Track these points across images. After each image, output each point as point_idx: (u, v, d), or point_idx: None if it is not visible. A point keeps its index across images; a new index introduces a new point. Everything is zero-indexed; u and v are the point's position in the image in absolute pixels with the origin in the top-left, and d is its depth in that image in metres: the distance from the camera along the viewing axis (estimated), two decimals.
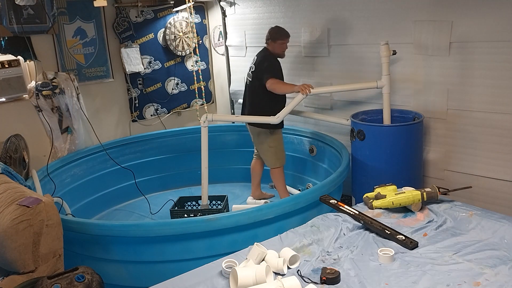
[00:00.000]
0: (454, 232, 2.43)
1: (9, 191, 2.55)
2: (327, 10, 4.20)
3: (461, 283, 1.96)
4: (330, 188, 3.21)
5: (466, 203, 2.70)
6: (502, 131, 3.30)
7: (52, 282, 2.10)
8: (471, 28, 3.30)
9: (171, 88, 5.16)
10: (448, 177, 3.65)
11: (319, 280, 2.03)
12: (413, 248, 2.28)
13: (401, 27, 3.70)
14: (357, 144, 3.64)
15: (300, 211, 2.99)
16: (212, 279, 2.07)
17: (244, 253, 2.30)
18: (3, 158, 3.36)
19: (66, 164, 4.04)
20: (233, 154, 4.86)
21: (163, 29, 4.97)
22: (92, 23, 4.45)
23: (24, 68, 4.05)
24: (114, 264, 2.87)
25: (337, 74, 4.26)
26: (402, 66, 3.77)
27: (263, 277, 1.97)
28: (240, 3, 4.96)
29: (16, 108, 4.03)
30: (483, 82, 3.33)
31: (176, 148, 4.83)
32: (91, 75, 4.52)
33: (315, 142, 4.35)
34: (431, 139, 3.72)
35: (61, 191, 3.79)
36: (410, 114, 3.73)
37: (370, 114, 3.88)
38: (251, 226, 2.82)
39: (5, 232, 2.27)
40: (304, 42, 4.42)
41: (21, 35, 3.75)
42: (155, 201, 4.41)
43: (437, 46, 3.49)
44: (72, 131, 4.10)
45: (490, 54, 3.25)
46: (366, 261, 2.19)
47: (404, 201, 2.65)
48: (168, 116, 5.19)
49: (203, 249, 2.79)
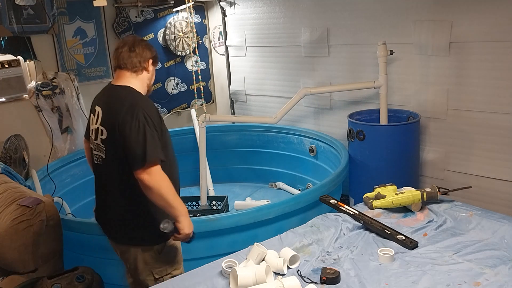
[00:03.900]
0: (454, 232, 2.43)
1: (9, 191, 2.56)
2: (327, 10, 4.20)
3: (461, 283, 1.96)
4: (330, 188, 3.21)
5: (466, 203, 2.70)
6: (502, 131, 3.30)
7: (52, 282, 2.11)
8: (471, 28, 3.30)
9: (171, 88, 5.16)
10: (448, 177, 3.65)
11: (319, 280, 2.03)
12: (413, 248, 2.28)
13: (401, 27, 3.70)
14: (356, 144, 3.64)
15: (300, 211, 2.99)
16: (212, 279, 2.07)
17: (244, 253, 2.29)
18: (3, 158, 3.36)
19: (66, 164, 4.03)
20: (233, 154, 4.86)
21: (163, 29, 4.97)
22: (92, 23, 4.44)
23: (24, 68, 4.05)
24: (114, 264, 2.87)
25: (337, 74, 4.26)
26: (402, 66, 3.77)
27: (263, 277, 1.97)
28: (240, 3, 4.96)
29: (16, 108, 4.02)
30: (483, 82, 3.33)
31: (176, 148, 4.78)
32: (91, 75, 4.52)
33: (315, 142, 4.35)
34: (431, 139, 3.72)
35: (61, 191, 3.78)
36: (404, 113, 3.74)
37: (364, 115, 3.88)
38: (251, 226, 2.82)
39: (5, 232, 2.27)
40: (304, 42, 4.42)
41: (21, 35, 3.75)
42: None
43: (437, 46, 3.49)
44: (72, 131, 4.10)
45: (490, 54, 3.25)
46: (366, 261, 2.19)
47: (404, 201, 2.64)
48: (168, 116, 5.19)
49: (203, 249, 2.78)
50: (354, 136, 3.61)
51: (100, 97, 2.30)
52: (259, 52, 4.86)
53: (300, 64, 4.53)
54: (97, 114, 2.20)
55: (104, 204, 2.31)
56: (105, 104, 2.18)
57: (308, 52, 4.44)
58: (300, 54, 4.50)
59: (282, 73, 4.71)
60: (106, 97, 2.24)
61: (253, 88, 5.01)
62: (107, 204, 2.28)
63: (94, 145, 2.22)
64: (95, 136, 2.19)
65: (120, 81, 2.21)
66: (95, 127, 2.19)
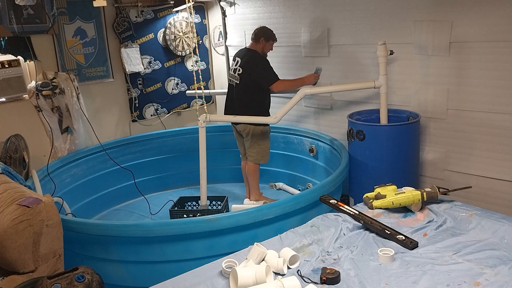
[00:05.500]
0: (454, 232, 2.43)
1: (9, 191, 2.56)
2: (327, 10, 4.20)
3: (461, 283, 1.96)
4: (330, 188, 3.22)
5: (466, 203, 2.70)
6: (502, 131, 3.30)
7: (52, 282, 2.10)
8: (471, 28, 3.30)
9: (171, 88, 5.16)
10: (448, 177, 3.65)
11: (319, 280, 2.03)
12: (413, 248, 2.28)
13: (401, 27, 3.70)
14: (356, 144, 3.64)
15: (300, 211, 2.99)
16: (212, 279, 2.07)
17: (244, 253, 2.30)
18: (3, 158, 3.36)
19: (66, 164, 4.04)
20: (233, 154, 4.85)
21: (163, 29, 4.97)
22: (92, 23, 4.45)
23: (24, 68, 4.05)
24: (114, 264, 2.87)
25: (337, 74, 4.26)
26: (402, 66, 3.77)
27: (263, 277, 1.97)
28: (240, 3, 4.96)
29: (16, 108, 4.02)
30: (483, 82, 3.33)
31: (176, 148, 4.83)
32: (91, 75, 4.52)
33: (315, 142, 4.35)
34: (431, 139, 3.72)
35: (61, 191, 3.78)
36: (404, 113, 3.74)
37: (364, 115, 3.89)
38: (251, 226, 2.82)
39: (5, 232, 2.27)
40: (304, 42, 4.42)
41: (21, 35, 3.75)
42: (155, 201, 4.41)
43: (437, 46, 3.49)
44: (72, 131, 4.10)
45: (490, 54, 3.25)
46: (366, 261, 2.19)
47: (404, 201, 2.65)
48: (168, 116, 5.19)
49: (203, 249, 2.79)
50: (354, 136, 3.62)
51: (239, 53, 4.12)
52: None
53: (300, 64, 4.53)
54: (236, 61, 4.02)
55: (232, 104, 4.06)
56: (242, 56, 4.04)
57: (308, 52, 4.44)
58: (300, 54, 4.50)
59: (282, 73, 4.70)
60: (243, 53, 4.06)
61: None
62: (235, 104, 4.02)
63: (232, 76, 4.07)
64: (234, 71, 4.03)
65: (250, 46, 4.06)
66: (235, 67, 4.01)
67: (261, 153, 4.08)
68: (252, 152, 4.08)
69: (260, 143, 4.04)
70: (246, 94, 3.96)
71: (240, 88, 3.98)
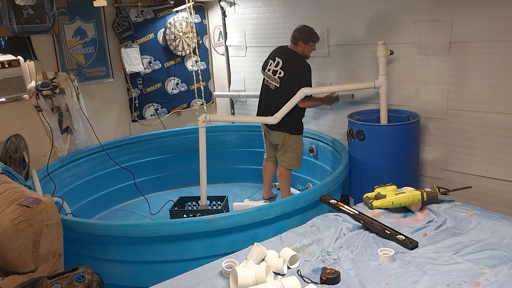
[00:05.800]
0: (454, 232, 2.43)
1: (9, 191, 2.56)
2: (327, 10, 4.20)
3: (461, 283, 1.96)
4: (330, 188, 3.22)
5: (466, 203, 2.70)
6: (502, 131, 3.30)
7: (52, 282, 2.10)
8: (471, 28, 3.30)
9: (171, 88, 5.16)
10: (448, 177, 3.65)
11: (319, 280, 2.03)
12: (413, 248, 2.28)
13: (401, 27, 3.70)
14: (356, 144, 3.64)
15: (300, 211, 2.99)
16: (212, 279, 2.07)
17: (244, 253, 2.30)
18: (3, 158, 3.36)
19: (66, 164, 4.04)
20: (233, 154, 4.86)
21: (163, 29, 4.97)
22: (92, 23, 4.45)
23: (24, 68, 4.05)
24: (114, 264, 2.87)
25: (337, 74, 4.26)
26: (402, 66, 3.77)
27: (263, 277, 1.97)
28: (240, 3, 4.96)
29: (16, 108, 4.03)
30: (483, 82, 3.33)
31: (176, 148, 4.83)
32: (91, 75, 4.52)
33: (315, 142, 4.35)
34: (431, 139, 3.72)
35: (61, 191, 3.79)
36: (404, 113, 3.74)
37: (364, 115, 3.89)
38: (251, 226, 2.82)
39: (5, 232, 2.27)
40: None
41: (21, 35, 3.75)
42: (155, 201, 4.41)
43: (437, 46, 3.49)
44: (72, 131, 4.10)
45: (490, 54, 3.25)
46: (366, 261, 2.19)
47: (404, 201, 2.65)
48: (168, 116, 5.19)
49: (203, 249, 2.79)
50: (354, 136, 3.62)
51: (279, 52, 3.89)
52: (259, 52, 4.86)
53: None
54: (277, 61, 3.80)
55: (270, 109, 3.80)
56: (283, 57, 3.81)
57: None
58: None
59: None
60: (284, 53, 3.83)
61: (253, 88, 5.00)
62: (272, 109, 3.76)
63: (269, 77, 3.85)
64: (274, 73, 3.81)
65: (291, 47, 3.82)
66: (275, 69, 3.80)
67: (295, 158, 3.95)
68: (287, 157, 3.95)
69: (295, 148, 3.91)
70: (283, 99, 3.70)
71: (281, 93, 3.75)
